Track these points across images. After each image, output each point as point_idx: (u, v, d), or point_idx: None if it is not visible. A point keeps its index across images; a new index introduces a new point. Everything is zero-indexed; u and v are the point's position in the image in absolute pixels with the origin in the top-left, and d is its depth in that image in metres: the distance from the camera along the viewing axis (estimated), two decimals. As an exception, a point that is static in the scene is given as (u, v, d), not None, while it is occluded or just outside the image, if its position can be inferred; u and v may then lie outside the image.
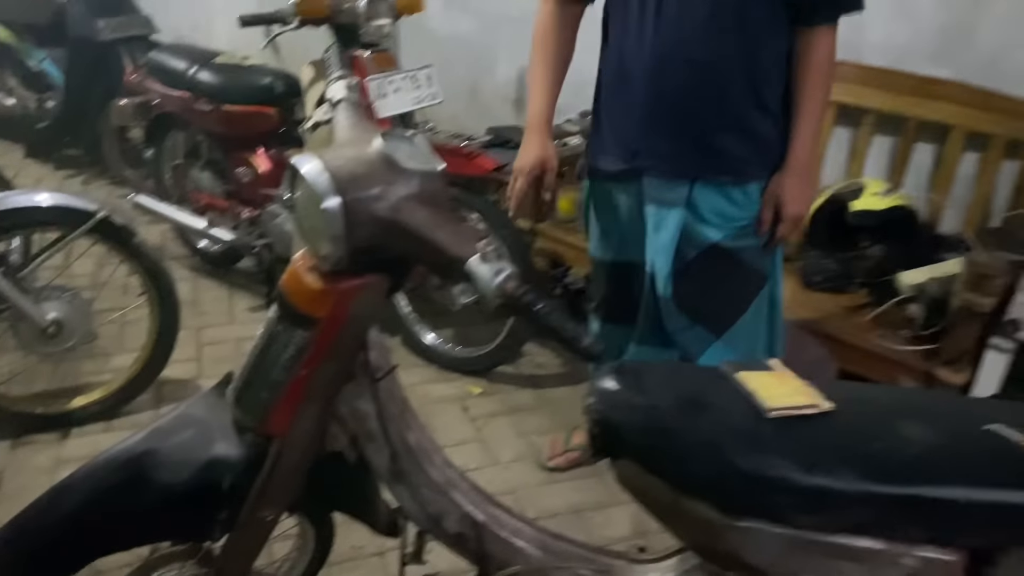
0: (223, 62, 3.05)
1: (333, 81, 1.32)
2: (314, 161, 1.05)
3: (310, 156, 1.06)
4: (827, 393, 1.11)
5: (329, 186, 1.03)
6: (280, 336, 1.16)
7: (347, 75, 1.33)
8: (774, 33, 1.66)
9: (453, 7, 3.89)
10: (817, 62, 1.67)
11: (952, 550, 1.00)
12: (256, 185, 2.98)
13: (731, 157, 1.71)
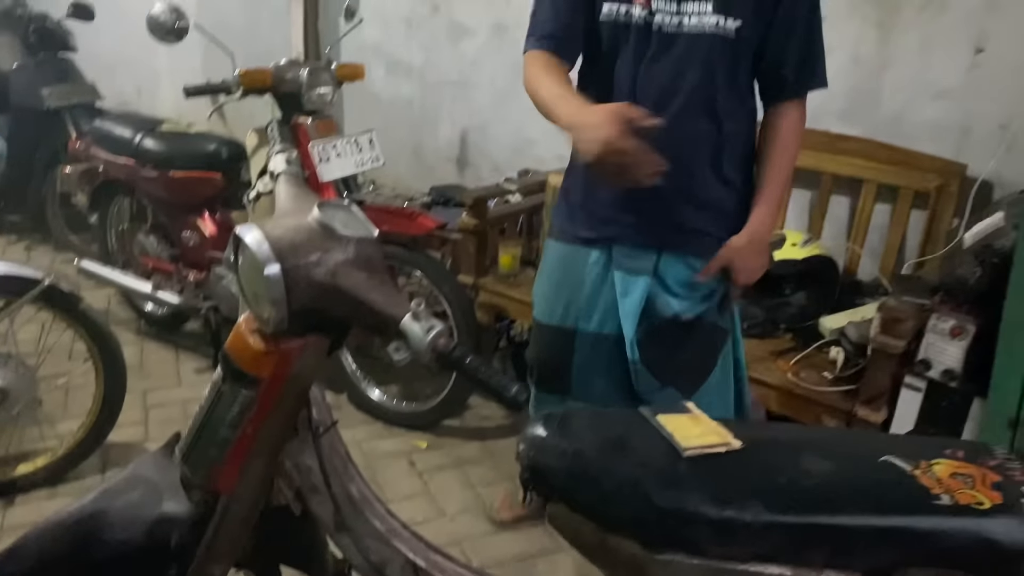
0: (169, 130, 3.12)
1: (274, 154, 1.40)
2: (256, 231, 1.13)
3: (252, 226, 1.14)
4: (738, 433, 1.21)
5: (270, 254, 1.10)
6: (226, 396, 1.22)
7: (287, 149, 1.42)
8: (741, 117, 1.73)
9: (395, 73, 4.04)
10: (784, 136, 1.72)
11: (852, 573, 1.09)
12: (202, 248, 3.04)
13: (697, 233, 1.75)
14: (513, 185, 3.14)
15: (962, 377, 2.07)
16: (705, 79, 1.64)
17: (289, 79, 2.58)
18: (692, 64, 1.63)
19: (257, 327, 1.19)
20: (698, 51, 1.62)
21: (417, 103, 4.03)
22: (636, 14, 1.62)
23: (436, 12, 3.80)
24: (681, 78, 1.64)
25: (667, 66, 1.63)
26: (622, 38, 1.65)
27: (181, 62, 5.11)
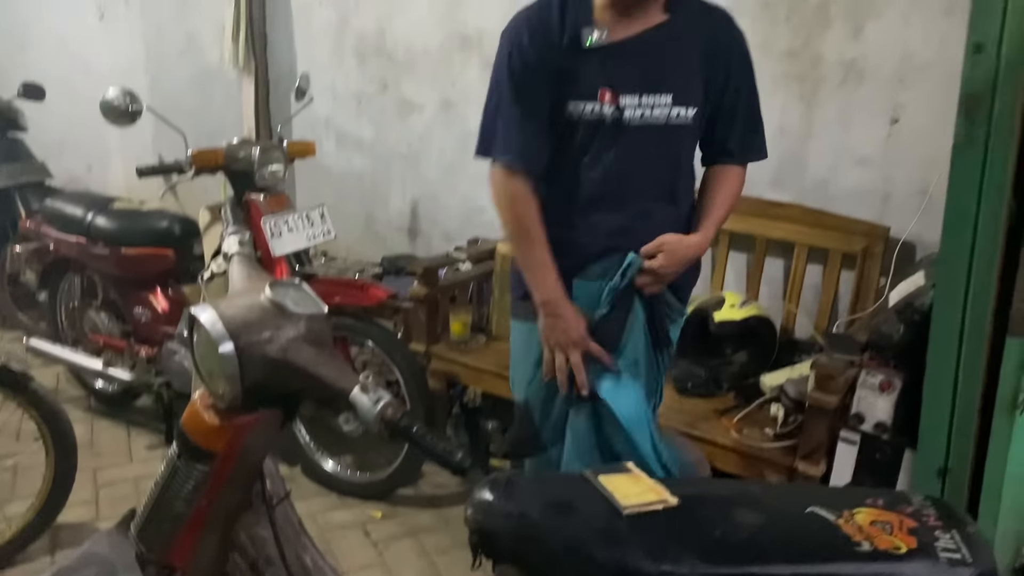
0: (121, 207, 3.15)
1: (228, 236, 1.46)
2: (210, 311, 1.19)
3: (207, 306, 1.20)
4: (675, 490, 1.28)
5: (224, 333, 1.16)
6: (181, 471, 1.26)
7: (240, 230, 1.48)
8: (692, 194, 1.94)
9: (346, 147, 4.13)
10: (728, 188, 1.88)
11: (783, 620, 1.16)
12: (154, 324, 3.05)
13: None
14: (462, 253, 3.22)
15: (893, 429, 2.18)
16: (668, 165, 1.81)
17: (241, 157, 2.65)
18: (657, 152, 1.77)
19: (212, 403, 1.24)
20: (662, 140, 1.76)
21: (368, 176, 4.12)
22: (607, 112, 1.71)
23: (385, 89, 3.92)
24: (647, 166, 1.77)
25: (634, 156, 1.75)
26: (590, 134, 1.74)
27: (132, 140, 5.15)
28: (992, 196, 1.91)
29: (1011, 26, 1.83)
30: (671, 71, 1.73)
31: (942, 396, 2.05)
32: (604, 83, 1.70)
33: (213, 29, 4.47)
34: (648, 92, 1.71)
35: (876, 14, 2.60)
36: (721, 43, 1.78)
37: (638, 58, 1.70)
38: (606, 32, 1.69)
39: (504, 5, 3.39)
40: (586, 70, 1.70)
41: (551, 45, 1.70)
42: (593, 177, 1.77)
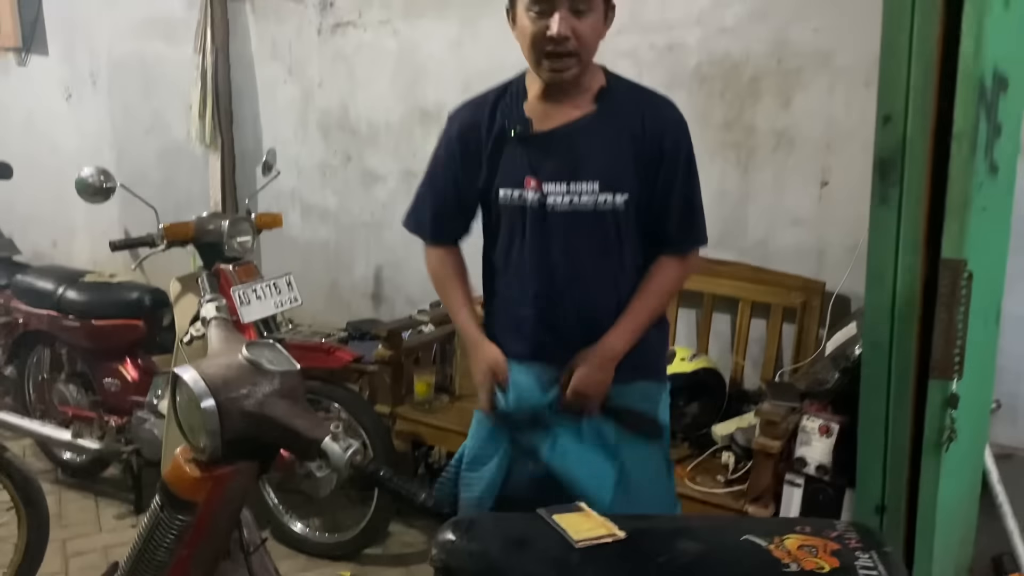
0: (92, 280, 3.24)
1: (205, 303, 1.58)
2: (192, 371, 1.30)
3: (188, 367, 1.31)
4: (622, 525, 1.39)
5: (205, 389, 1.27)
6: (163, 521, 1.35)
7: (216, 298, 1.60)
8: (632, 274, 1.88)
9: (311, 217, 4.27)
10: (655, 282, 1.86)
11: (723, 639, 1.27)
12: (124, 393, 3.11)
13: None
14: (426, 316, 3.34)
15: (833, 471, 2.32)
16: (600, 250, 1.82)
17: (211, 230, 2.76)
18: (586, 236, 1.81)
19: (193, 456, 1.34)
20: (590, 225, 1.80)
21: (332, 244, 4.25)
22: (530, 197, 1.79)
23: (348, 161, 4.08)
24: (577, 250, 1.82)
25: (562, 240, 1.80)
26: (519, 218, 1.82)
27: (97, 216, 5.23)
28: (908, 250, 2.09)
29: (914, 99, 2.04)
30: (596, 158, 1.77)
31: (875, 437, 2.20)
32: (529, 171, 1.79)
33: (179, 107, 4.62)
34: (574, 180, 1.77)
35: (803, 87, 2.83)
36: (651, 131, 1.79)
37: (562, 147, 1.78)
38: (531, 123, 1.79)
39: (461, 82, 3.62)
40: (512, 159, 1.81)
41: (478, 139, 1.84)
42: (524, 261, 1.84)
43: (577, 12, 1.67)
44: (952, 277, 2.02)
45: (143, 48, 4.77)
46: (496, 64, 3.47)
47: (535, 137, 1.79)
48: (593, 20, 1.70)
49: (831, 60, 2.81)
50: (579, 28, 1.68)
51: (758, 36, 2.88)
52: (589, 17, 1.69)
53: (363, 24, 3.89)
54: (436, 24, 3.67)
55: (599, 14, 1.72)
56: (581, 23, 1.68)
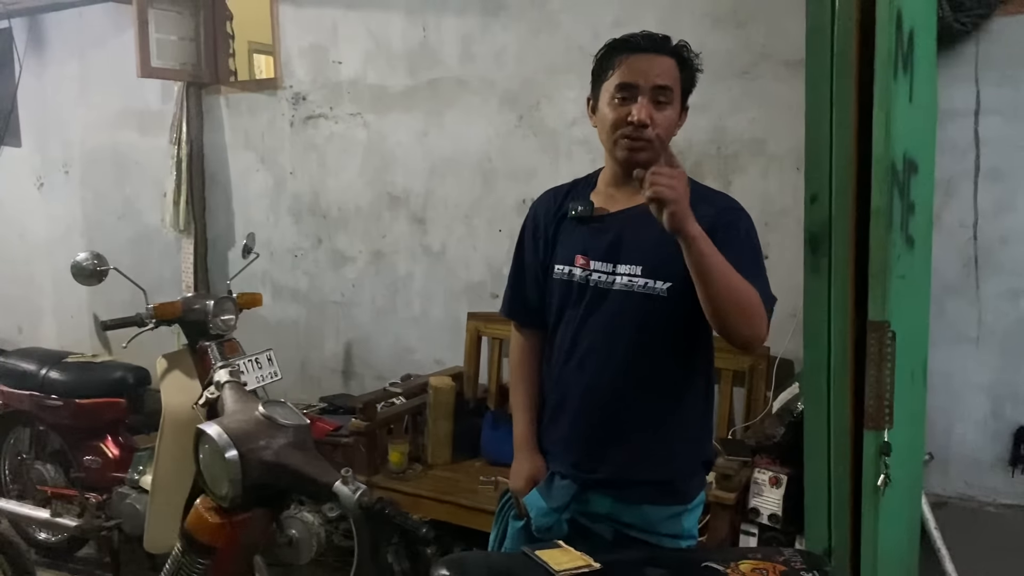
0: (74, 361, 3.35)
1: (217, 369, 1.75)
2: (215, 426, 1.46)
3: (212, 423, 1.48)
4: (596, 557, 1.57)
5: (229, 442, 1.43)
6: (184, 566, 1.50)
7: (229, 364, 1.77)
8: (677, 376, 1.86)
9: (282, 297, 4.43)
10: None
11: (689, 652, 1.44)
12: (104, 470, 3.20)
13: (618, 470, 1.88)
14: (398, 388, 3.51)
15: (784, 519, 2.51)
16: (638, 331, 1.81)
17: (196, 309, 2.92)
18: (626, 316, 1.82)
19: (213, 505, 1.50)
20: (630, 306, 1.81)
21: (303, 323, 4.41)
22: (578, 274, 1.86)
23: (319, 244, 4.29)
24: (617, 329, 1.83)
25: (604, 317, 1.84)
26: (567, 293, 1.89)
27: (66, 300, 5.36)
28: (839, 315, 2.34)
29: (837, 181, 2.32)
30: (641, 244, 1.80)
31: (819, 486, 2.41)
32: (580, 250, 1.87)
33: (152, 194, 4.81)
34: (619, 262, 1.82)
35: (740, 171, 3.13)
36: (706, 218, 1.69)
37: (613, 230, 1.85)
38: (590, 206, 1.88)
39: (427, 168, 3.88)
40: (569, 238, 1.91)
41: (548, 219, 1.95)
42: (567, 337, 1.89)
43: (658, 103, 1.77)
44: (878, 337, 2.27)
45: (117, 138, 4.97)
46: (460, 151, 3.80)
47: (592, 219, 1.88)
48: (671, 113, 1.80)
49: (765, 147, 3.13)
50: (658, 117, 1.76)
51: (699, 126, 3.18)
52: (668, 109, 1.78)
53: (334, 116, 4.15)
54: (403, 116, 3.94)
55: (677, 110, 1.82)
56: (660, 113, 1.77)
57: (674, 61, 1.81)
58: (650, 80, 1.77)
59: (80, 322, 5.33)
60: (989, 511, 2.83)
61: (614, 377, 1.84)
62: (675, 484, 1.88)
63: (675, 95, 1.80)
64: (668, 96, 1.78)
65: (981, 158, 2.76)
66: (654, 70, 1.78)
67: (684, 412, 1.88)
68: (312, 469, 1.44)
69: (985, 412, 2.84)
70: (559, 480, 1.90)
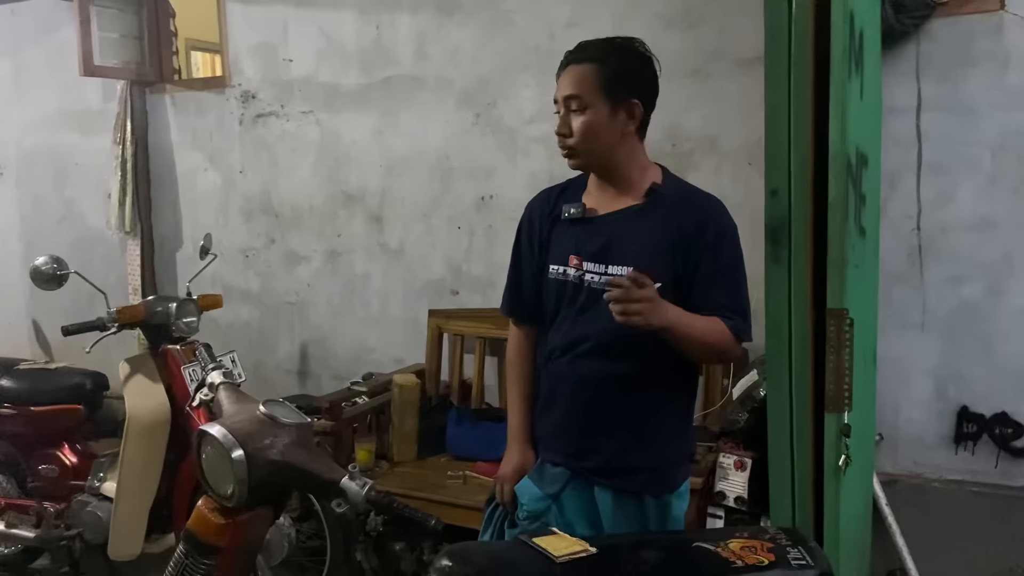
0: (28, 368, 3.26)
1: (210, 371, 1.75)
2: (218, 426, 1.47)
3: (214, 424, 1.48)
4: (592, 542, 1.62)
5: (234, 442, 1.44)
6: (188, 567, 1.50)
7: (220, 366, 1.77)
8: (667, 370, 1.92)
9: (232, 299, 4.36)
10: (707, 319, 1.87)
11: (686, 629, 1.51)
12: (62, 479, 3.13)
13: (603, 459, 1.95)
14: (361, 387, 3.51)
15: (749, 501, 2.61)
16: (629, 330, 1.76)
17: (159, 311, 2.88)
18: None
19: (215, 506, 1.50)
20: None
21: (256, 324, 4.36)
22: (571, 274, 1.92)
23: (272, 243, 4.25)
24: (609, 328, 1.82)
25: (597, 317, 1.86)
26: (562, 293, 1.95)
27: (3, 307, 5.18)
28: (799, 303, 2.44)
29: (795, 176, 2.42)
30: (631, 246, 1.88)
31: (783, 468, 2.51)
32: (574, 250, 1.93)
33: (95, 196, 4.70)
34: (610, 263, 1.88)
35: (694, 167, 3.23)
36: (694, 224, 1.90)
37: (604, 232, 1.91)
38: (581, 207, 1.94)
39: (383, 167, 3.89)
40: (562, 239, 1.97)
41: (543, 220, 2.01)
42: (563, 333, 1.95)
43: (572, 111, 1.87)
44: (837, 324, 2.38)
45: (55, 139, 4.83)
46: (418, 149, 3.81)
47: (583, 220, 1.94)
48: (589, 116, 1.85)
49: (718, 143, 3.24)
50: (574, 125, 1.86)
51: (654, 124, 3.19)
52: (583, 115, 1.85)
53: (285, 115, 4.12)
54: (358, 115, 3.94)
55: (599, 113, 1.85)
56: (576, 119, 1.86)
57: (593, 66, 1.86)
58: (561, 93, 1.89)
59: (18, 328, 5.15)
60: (936, 487, 2.99)
61: (605, 374, 1.91)
62: (663, 473, 1.96)
63: (590, 99, 1.85)
64: (579, 103, 1.86)
65: (923, 152, 2.91)
66: (566, 83, 1.88)
67: (671, 406, 1.99)
68: (318, 466, 1.46)
69: (930, 393, 3.00)
70: (551, 468, 1.96)
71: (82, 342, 2.84)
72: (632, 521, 1.91)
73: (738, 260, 2.00)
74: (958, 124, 2.85)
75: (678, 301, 1.84)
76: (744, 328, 1.98)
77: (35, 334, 5.10)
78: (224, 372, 1.74)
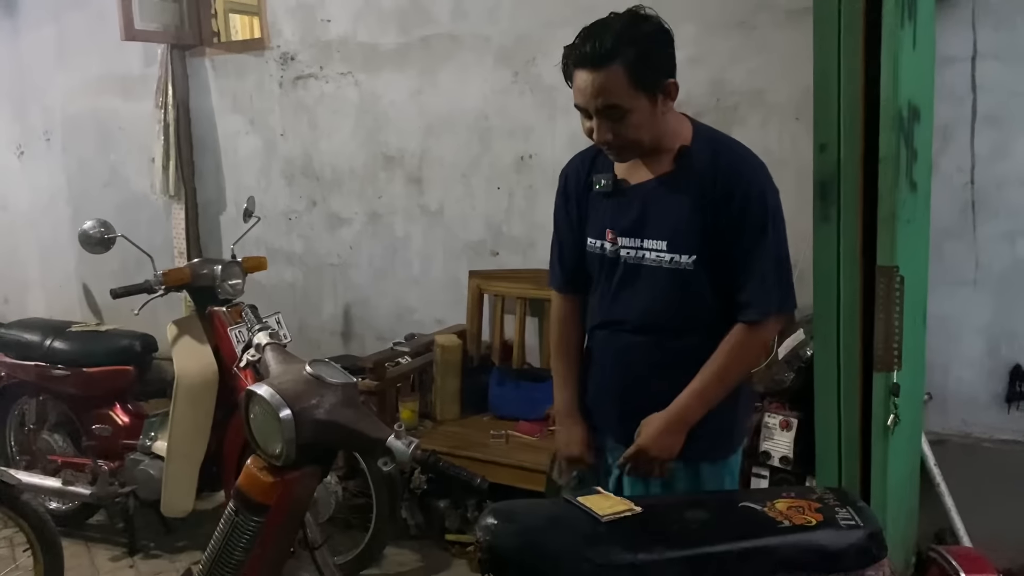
0: (80, 330, 3.33)
1: (256, 332, 1.77)
2: (266, 387, 1.49)
3: (261, 384, 1.50)
4: (637, 502, 1.62)
5: (282, 402, 1.46)
6: (239, 524, 1.53)
7: (266, 327, 1.78)
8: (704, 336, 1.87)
9: (277, 261, 4.41)
10: (723, 350, 1.83)
11: (734, 587, 1.50)
12: (115, 438, 3.21)
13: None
14: (404, 348, 3.53)
15: (795, 461, 2.59)
16: (668, 301, 1.85)
17: (204, 274, 2.92)
18: (653, 289, 1.86)
19: (264, 465, 1.52)
20: (660, 277, 1.85)
21: (299, 286, 4.41)
22: (608, 248, 1.90)
23: (313, 206, 4.27)
24: (645, 300, 1.88)
25: (633, 289, 1.89)
26: (600, 267, 1.94)
27: (52, 272, 5.30)
28: (848, 261, 2.40)
29: (845, 128, 2.36)
30: (664, 220, 1.83)
31: (829, 428, 2.48)
32: (609, 224, 1.90)
33: (139, 161, 4.75)
34: (645, 237, 1.85)
35: (739, 122, 3.16)
36: (721, 193, 1.80)
37: (636, 205, 1.86)
38: (612, 179, 1.89)
39: (422, 128, 3.86)
40: (598, 211, 1.94)
41: (579, 189, 1.97)
42: (602, 308, 1.95)
43: (611, 119, 1.74)
44: (887, 282, 2.33)
45: (99, 104, 4.88)
46: (456, 109, 3.78)
47: (615, 193, 1.90)
48: (634, 118, 1.75)
49: (764, 97, 3.16)
50: (618, 129, 1.75)
51: (698, 79, 3.20)
52: (628, 118, 1.74)
53: (324, 76, 4.11)
54: (396, 75, 3.91)
55: (641, 110, 1.75)
56: (620, 125, 1.75)
57: (615, 67, 1.71)
58: (593, 104, 1.73)
59: (68, 291, 5.27)
60: (986, 447, 2.94)
61: (648, 351, 1.89)
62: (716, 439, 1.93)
63: (628, 102, 1.73)
64: (619, 111, 1.73)
65: (978, 103, 2.82)
66: (595, 92, 1.72)
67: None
68: (364, 425, 1.47)
69: (981, 352, 2.94)
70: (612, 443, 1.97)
71: (130, 305, 2.89)
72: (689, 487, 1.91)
73: (769, 229, 1.85)
74: (1015, 74, 2.75)
75: (715, 275, 1.82)
76: (770, 310, 1.87)
77: (85, 297, 5.21)
78: (270, 333, 1.76)
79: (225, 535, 1.53)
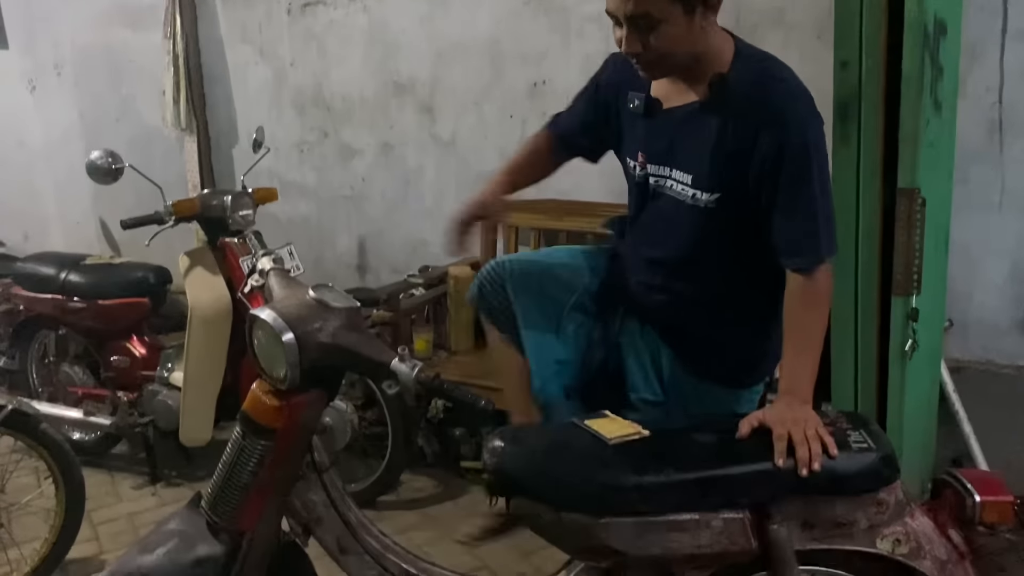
0: (94, 263, 3.34)
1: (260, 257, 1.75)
2: (269, 310, 1.47)
3: (264, 308, 1.48)
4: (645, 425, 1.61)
5: (284, 325, 1.44)
6: (245, 448, 1.53)
7: (270, 252, 1.77)
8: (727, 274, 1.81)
9: (289, 194, 4.38)
10: (789, 306, 1.71)
11: (740, 509, 1.49)
12: (133, 369, 3.24)
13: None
14: (418, 280, 3.52)
15: (811, 387, 2.56)
16: (694, 236, 1.77)
17: (214, 205, 2.90)
18: (676, 219, 1.80)
19: (269, 388, 1.52)
20: (681, 212, 1.78)
21: (314, 219, 4.39)
22: (638, 172, 1.85)
23: (325, 138, 4.22)
24: (668, 227, 1.82)
25: (658, 214, 1.85)
26: (634, 187, 1.90)
27: (70, 206, 5.31)
28: (867, 182, 2.33)
29: (867, 45, 2.28)
30: (691, 153, 1.74)
31: (846, 352, 2.45)
32: (641, 147, 1.83)
33: (150, 94, 4.70)
34: (672, 167, 1.77)
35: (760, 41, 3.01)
36: (752, 129, 1.65)
37: (667, 132, 1.78)
38: (649, 100, 1.79)
39: (433, 54, 3.78)
40: (632, 130, 1.86)
41: (615, 97, 1.88)
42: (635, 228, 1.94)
43: (641, 29, 1.61)
44: (908, 204, 2.27)
45: (108, 37, 4.82)
46: (468, 36, 3.68)
47: (649, 116, 1.80)
48: (667, 30, 1.60)
49: (784, 16, 3.05)
50: (649, 42, 1.62)
51: (716, -3, 3.08)
52: (660, 29, 1.60)
53: (333, 3, 4.02)
54: (406, 1, 3.81)
55: (675, 23, 1.60)
56: (651, 37, 1.62)
57: None
58: (623, 9, 1.61)
59: (86, 226, 5.30)
60: (1007, 374, 2.89)
61: (675, 290, 1.85)
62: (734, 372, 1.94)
63: (662, 12, 1.58)
64: (651, 20, 1.59)
65: (1009, 18, 2.69)
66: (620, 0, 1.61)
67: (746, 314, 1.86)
68: (368, 349, 1.46)
69: (1005, 277, 2.87)
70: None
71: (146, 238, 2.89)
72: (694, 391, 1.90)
73: (806, 168, 1.66)
74: (1051, -15, 2.62)
75: (741, 214, 1.71)
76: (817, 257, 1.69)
77: (102, 231, 5.23)
78: (274, 258, 1.74)
79: (232, 459, 1.53)
